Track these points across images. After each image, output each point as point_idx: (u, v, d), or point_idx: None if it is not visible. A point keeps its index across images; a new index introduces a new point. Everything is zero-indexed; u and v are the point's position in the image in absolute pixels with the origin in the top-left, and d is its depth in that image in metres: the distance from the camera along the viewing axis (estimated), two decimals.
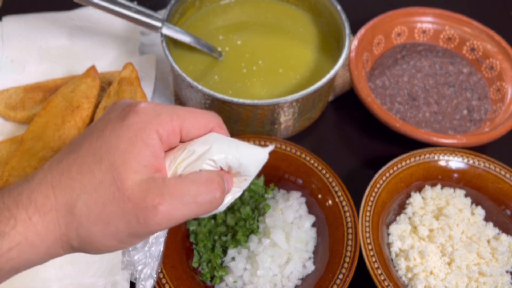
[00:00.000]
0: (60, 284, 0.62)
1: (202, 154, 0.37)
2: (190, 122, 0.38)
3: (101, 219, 0.34)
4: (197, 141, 0.38)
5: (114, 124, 0.35)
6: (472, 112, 0.80)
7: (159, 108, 0.37)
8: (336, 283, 0.59)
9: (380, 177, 0.67)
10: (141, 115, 0.35)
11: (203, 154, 0.37)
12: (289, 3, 0.83)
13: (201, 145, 0.37)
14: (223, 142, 0.38)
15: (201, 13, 0.82)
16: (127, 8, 0.67)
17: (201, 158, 0.37)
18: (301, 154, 0.69)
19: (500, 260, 0.64)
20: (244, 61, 0.76)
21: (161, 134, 0.36)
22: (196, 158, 0.37)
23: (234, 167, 0.39)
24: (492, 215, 0.70)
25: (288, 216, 0.65)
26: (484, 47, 0.85)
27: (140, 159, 0.34)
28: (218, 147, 0.37)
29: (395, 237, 0.66)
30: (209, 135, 0.38)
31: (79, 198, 0.33)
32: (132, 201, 0.33)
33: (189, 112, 0.38)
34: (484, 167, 0.70)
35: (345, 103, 0.84)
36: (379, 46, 0.87)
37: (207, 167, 0.37)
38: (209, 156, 0.37)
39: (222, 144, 0.38)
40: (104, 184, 0.33)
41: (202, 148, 0.37)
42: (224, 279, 0.63)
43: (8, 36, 0.85)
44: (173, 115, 0.37)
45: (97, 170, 0.34)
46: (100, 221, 0.34)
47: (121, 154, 0.34)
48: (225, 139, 0.39)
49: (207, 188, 0.36)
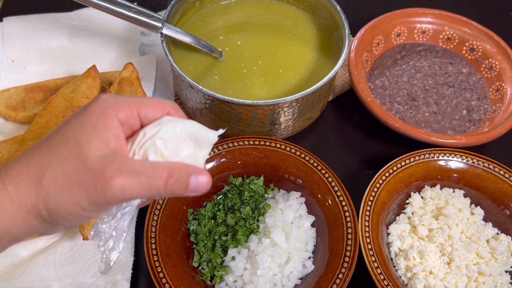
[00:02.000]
0: (60, 283, 0.62)
1: (153, 135, 0.41)
2: (147, 106, 0.42)
3: (65, 188, 0.37)
4: (152, 124, 0.42)
5: (79, 113, 0.40)
6: (472, 112, 0.80)
7: (119, 97, 0.41)
8: (336, 282, 0.59)
9: (379, 177, 0.67)
10: (101, 103, 0.40)
11: (154, 135, 0.41)
12: (289, 4, 0.84)
13: (154, 127, 0.41)
14: (174, 123, 0.42)
15: (201, 13, 0.82)
16: (128, 9, 0.67)
17: (152, 138, 0.41)
18: (301, 154, 0.69)
19: (499, 260, 0.64)
20: (244, 61, 0.76)
21: (121, 118, 0.40)
22: (147, 138, 0.41)
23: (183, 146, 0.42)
24: (492, 215, 0.70)
25: (288, 216, 0.65)
26: (483, 48, 0.85)
27: (102, 139, 0.38)
28: (167, 127, 0.41)
29: (395, 237, 0.66)
30: (163, 118, 0.42)
31: (47, 171, 0.37)
32: (93, 172, 0.37)
33: (146, 99, 0.43)
34: (484, 167, 0.70)
35: (344, 103, 0.84)
36: (379, 47, 0.87)
37: (158, 145, 0.41)
38: (159, 136, 0.41)
39: (172, 124, 0.42)
40: (69, 158, 0.38)
41: (154, 129, 0.41)
42: (224, 278, 0.63)
43: (9, 37, 0.85)
44: (131, 102, 0.41)
45: (63, 148, 0.38)
46: (65, 189, 0.37)
47: (85, 135, 0.38)
48: (177, 120, 0.42)
49: (161, 175, 0.39)
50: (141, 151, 0.41)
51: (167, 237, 0.63)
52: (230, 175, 0.71)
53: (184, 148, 0.42)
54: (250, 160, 0.70)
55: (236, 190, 0.70)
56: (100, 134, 0.38)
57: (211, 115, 0.72)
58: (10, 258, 0.65)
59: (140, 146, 0.41)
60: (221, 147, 0.70)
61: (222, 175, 0.70)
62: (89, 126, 0.38)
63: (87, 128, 0.38)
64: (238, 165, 0.71)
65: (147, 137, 0.41)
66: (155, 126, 0.41)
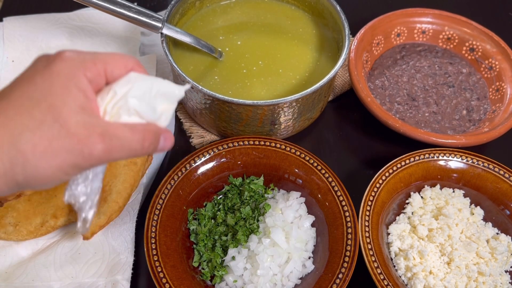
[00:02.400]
0: (60, 283, 0.62)
1: (125, 94, 0.41)
2: (112, 63, 0.41)
3: (48, 154, 0.37)
4: (120, 81, 0.42)
5: (43, 72, 0.38)
6: (471, 112, 0.81)
7: (83, 54, 0.40)
8: (336, 282, 0.59)
9: (379, 177, 0.67)
10: (67, 62, 0.39)
11: (126, 93, 0.41)
12: (289, 4, 0.84)
13: (123, 85, 0.41)
14: (143, 80, 0.42)
15: (201, 13, 0.82)
16: (128, 9, 0.67)
17: (124, 97, 0.41)
18: (301, 154, 0.69)
19: (499, 260, 0.64)
20: (244, 61, 0.76)
21: (89, 77, 0.40)
22: (120, 97, 0.41)
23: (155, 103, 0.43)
24: (491, 215, 0.70)
25: (288, 216, 0.65)
26: (483, 48, 0.85)
27: (77, 102, 0.38)
28: (138, 85, 0.41)
29: (395, 237, 0.66)
30: (130, 75, 0.42)
31: (22, 136, 0.36)
32: (77, 136, 0.37)
33: (109, 55, 0.42)
34: (483, 167, 0.70)
35: (344, 103, 0.84)
36: (379, 47, 0.87)
37: (132, 104, 0.41)
38: (131, 94, 0.41)
39: (142, 82, 0.42)
40: (46, 123, 0.37)
41: (125, 88, 0.41)
42: (224, 278, 0.63)
43: (9, 37, 0.85)
44: (96, 59, 0.40)
45: (36, 111, 0.37)
46: (47, 155, 0.37)
47: (58, 97, 0.37)
48: (144, 77, 0.42)
49: (138, 138, 0.41)
50: (114, 110, 0.41)
51: (167, 237, 0.63)
52: (230, 175, 0.71)
53: (156, 105, 0.42)
54: (250, 160, 0.71)
55: (236, 190, 0.70)
56: (73, 97, 0.38)
57: (211, 115, 0.72)
58: (10, 258, 0.65)
59: (112, 105, 0.41)
60: (221, 147, 0.70)
61: (222, 175, 0.70)
62: (59, 88, 0.38)
63: (57, 90, 0.38)
64: (238, 165, 0.71)
65: (118, 96, 0.41)
66: (125, 84, 0.41)
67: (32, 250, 0.66)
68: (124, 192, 0.64)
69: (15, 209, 0.66)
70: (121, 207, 0.63)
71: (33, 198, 0.66)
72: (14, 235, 0.65)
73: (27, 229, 0.65)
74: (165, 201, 0.65)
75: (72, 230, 0.67)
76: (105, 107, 0.41)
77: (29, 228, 0.65)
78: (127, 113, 0.41)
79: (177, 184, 0.67)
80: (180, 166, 0.68)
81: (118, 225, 0.66)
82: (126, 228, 0.66)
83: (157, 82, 0.43)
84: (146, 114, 0.42)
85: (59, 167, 0.37)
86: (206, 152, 0.69)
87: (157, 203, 0.64)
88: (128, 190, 0.64)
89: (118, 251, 0.64)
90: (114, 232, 0.66)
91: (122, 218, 0.66)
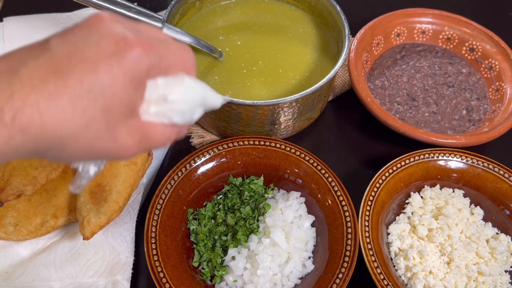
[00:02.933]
0: (60, 283, 0.62)
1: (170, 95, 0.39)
2: (170, 60, 0.39)
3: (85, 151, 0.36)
4: (173, 85, 0.39)
5: (110, 62, 0.34)
6: (471, 112, 0.81)
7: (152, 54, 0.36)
8: (336, 282, 0.59)
9: (379, 177, 0.67)
10: (139, 63, 0.35)
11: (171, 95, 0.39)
12: (289, 4, 0.84)
13: (170, 84, 0.39)
14: (196, 90, 0.40)
15: (201, 13, 0.82)
16: (128, 9, 0.67)
17: (168, 99, 0.39)
18: (300, 154, 0.69)
19: (499, 260, 0.65)
20: (244, 61, 0.76)
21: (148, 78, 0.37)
22: (163, 97, 0.38)
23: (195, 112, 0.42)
24: (491, 214, 0.70)
25: (288, 215, 0.65)
26: (483, 48, 0.85)
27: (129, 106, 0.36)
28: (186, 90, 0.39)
29: (395, 237, 0.66)
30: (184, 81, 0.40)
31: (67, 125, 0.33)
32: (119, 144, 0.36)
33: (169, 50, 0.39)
34: (483, 167, 0.71)
35: (344, 103, 0.84)
36: (379, 47, 0.87)
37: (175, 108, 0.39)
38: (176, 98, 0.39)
39: (192, 88, 0.40)
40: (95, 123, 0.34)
41: (171, 87, 0.39)
42: (224, 278, 0.63)
43: (9, 37, 0.85)
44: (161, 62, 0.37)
45: (91, 109, 0.34)
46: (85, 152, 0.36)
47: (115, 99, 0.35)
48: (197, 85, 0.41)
49: (165, 143, 0.40)
50: (155, 109, 0.38)
51: (167, 237, 0.63)
52: (230, 175, 0.71)
53: (195, 113, 0.42)
54: (250, 160, 0.71)
55: (236, 190, 0.70)
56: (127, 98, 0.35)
57: (211, 115, 0.72)
58: (10, 258, 0.65)
59: (155, 103, 0.38)
60: (221, 147, 0.70)
61: (222, 175, 0.70)
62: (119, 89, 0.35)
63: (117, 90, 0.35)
64: (238, 165, 0.71)
65: (162, 95, 0.38)
66: (172, 82, 0.39)
67: (32, 250, 0.66)
68: (124, 192, 0.64)
69: (15, 209, 0.66)
70: (121, 207, 0.63)
71: (33, 198, 0.67)
72: (14, 235, 0.65)
73: (27, 229, 0.65)
74: (165, 201, 0.65)
75: (72, 230, 0.67)
76: (149, 106, 0.38)
77: (29, 228, 0.65)
78: (167, 117, 0.39)
79: (177, 184, 0.67)
80: (180, 166, 0.68)
81: (118, 225, 0.66)
82: (126, 228, 0.66)
83: (203, 89, 0.42)
84: (185, 121, 0.41)
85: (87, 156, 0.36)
86: (206, 152, 0.69)
87: (157, 203, 0.64)
88: (128, 190, 0.64)
89: (118, 251, 0.64)
90: (114, 232, 0.66)
91: (122, 218, 0.66)
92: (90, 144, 0.35)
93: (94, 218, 0.61)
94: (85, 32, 0.35)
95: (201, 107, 0.42)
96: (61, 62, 0.33)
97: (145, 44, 0.36)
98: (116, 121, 0.35)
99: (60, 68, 0.33)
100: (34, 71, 0.32)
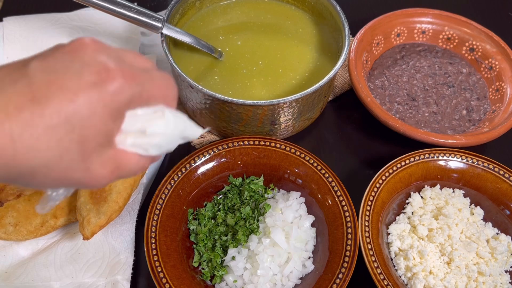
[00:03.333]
0: (60, 283, 0.62)
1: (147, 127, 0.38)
2: (152, 91, 0.38)
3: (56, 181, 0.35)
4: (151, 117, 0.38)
5: (90, 93, 0.33)
6: (471, 112, 0.81)
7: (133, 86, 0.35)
8: (336, 282, 0.59)
9: (379, 177, 0.67)
10: (119, 95, 0.34)
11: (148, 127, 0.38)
12: (289, 4, 0.84)
13: (148, 115, 0.38)
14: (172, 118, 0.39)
15: (201, 13, 0.82)
16: (128, 9, 0.67)
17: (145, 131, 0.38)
18: (301, 154, 0.69)
19: (499, 260, 0.65)
20: (244, 61, 0.76)
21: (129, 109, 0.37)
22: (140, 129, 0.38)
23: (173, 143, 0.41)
24: (491, 215, 0.70)
25: (288, 215, 0.65)
26: (483, 48, 0.85)
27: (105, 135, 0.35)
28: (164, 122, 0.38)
29: (395, 237, 0.66)
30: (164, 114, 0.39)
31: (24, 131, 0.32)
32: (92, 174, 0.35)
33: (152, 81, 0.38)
34: (483, 167, 0.71)
35: (344, 103, 0.84)
36: (379, 47, 0.87)
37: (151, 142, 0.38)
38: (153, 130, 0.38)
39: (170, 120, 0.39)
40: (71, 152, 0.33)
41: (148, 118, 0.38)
42: (224, 278, 0.63)
43: (9, 37, 0.85)
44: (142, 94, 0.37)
45: (66, 139, 0.33)
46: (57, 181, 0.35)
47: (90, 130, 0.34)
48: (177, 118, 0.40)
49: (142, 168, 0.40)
50: (132, 140, 0.38)
51: (167, 237, 0.63)
52: (230, 175, 0.71)
53: (173, 145, 0.41)
54: (250, 160, 0.71)
55: (236, 190, 0.70)
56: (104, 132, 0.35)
57: (211, 115, 0.72)
58: (10, 258, 0.65)
59: (133, 134, 0.38)
60: (221, 147, 0.70)
61: (222, 175, 0.70)
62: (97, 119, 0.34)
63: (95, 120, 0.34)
64: (238, 165, 0.71)
65: (141, 128, 0.38)
66: (152, 115, 0.38)
67: (32, 250, 0.66)
68: (124, 192, 0.64)
69: (15, 209, 0.66)
70: (121, 207, 0.63)
71: (33, 198, 0.67)
72: (14, 235, 0.65)
73: (27, 229, 0.65)
74: (165, 201, 0.65)
75: (72, 230, 0.67)
76: (126, 137, 0.38)
77: (29, 228, 0.65)
78: (143, 148, 0.39)
79: (177, 184, 0.67)
80: (180, 166, 0.68)
81: (118, 225, 0.66)
82: (126, 228, 0.66)
83: (182, 121, 0.41)
84: (161, 152, 0.40)
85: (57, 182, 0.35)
86: (206, 152, 0.69)
87: (157, 203, 0.64)
88: (128, 190, 0.64)
89: (118, 251, 0.64)
90: (114, 232, 0.66)
91: (122, 218, 0.66)
92: (63, 174, 0.34)
93: (94, 218, 0.62)
94: (67, 59, 0.34)
95: (180, 139, 0.42)
96: (40, 90, 0.32)
97: (127, 75, 0.35)
98: (91, 152, 0.34)
99: (38, 96, 0.32)
100: (11, 97, 0.31)
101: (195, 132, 0.43)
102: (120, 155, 0.37)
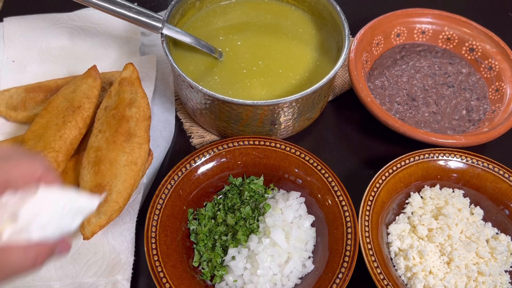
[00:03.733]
0: (61, 283, 0.62)
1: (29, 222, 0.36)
2: (15, 174, 0.36)
3: None
4: (25, 203, 0.36)
5: None
6: (471, 112, 0.81)
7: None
8: (336, 282, 0.59)
9: (379, 177, 0.67)
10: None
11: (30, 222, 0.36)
12: (289, 4, 0.84)
13: (28, 210, 0.36)
14: (53, 200, 0.37)
15: (201, 14, 0.82)
16: (128, 9, 0.67)
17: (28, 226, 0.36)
18: (301, 154, 0.70)
19: (499, 260, 0.65)
20: (244, 61, 0.76)
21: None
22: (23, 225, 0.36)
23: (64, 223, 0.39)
24: (491, 214, 0.70)
25: (288, 215, 0.66)
26: (483, 48, 0.85)
27: None
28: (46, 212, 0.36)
29: (394, 237, 0.66)
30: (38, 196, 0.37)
31: None
32: None
33: (14, 164, 0.37)
34: (483, 167, 0.71)
35: (344, 103, 0.84)
36: (379, 47, 0.87)
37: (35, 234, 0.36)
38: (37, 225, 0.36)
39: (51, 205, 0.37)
40: None
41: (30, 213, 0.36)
42: (224, 278, 0.63)
43: (10, 37, 0.85)
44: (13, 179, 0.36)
45: None
46: None
47: None
48: (55, 195, 0.38)
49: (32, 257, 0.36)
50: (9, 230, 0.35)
51: (167, 237, 0.63)
52: (230, 175, 0.71)
53: (68, 221, 0.38)
54: (250, 160, 0.71)
55: (236, 190, 0.70)
56: None
57: (211, 115, 0.72)
58: None
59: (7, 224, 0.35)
60: (221, 147, 0.70)
61: (222, 175, 0.71)
62: None
63: None
64: (238, 165, 0.71)
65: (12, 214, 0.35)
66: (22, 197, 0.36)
67: None
68: (124, 192, 0.64)
69: None
70: (121, 207, 0.64)
71: None
72: None
73: None
74: (165, 201, 0.65)
75: None
76: (2, 229, 0.35)
77: None
78: (24, 237, 0.36)
79: (177, 184, 0.67)
80: (180, 166, 0.68)
81: (118, 225, 0.66)
82: (126, 228, 0.66)
83: (69, 198, 0.38)
84: (52, 234, 0.38)
85: None
86: (206, 152, 0.69)
87: (157, 203, 0.64)
88: (128, 190, 0.64)
89: (118, 251, 0.64)
90: (114, 232, 0.66)
91: (122, 218, 0.67)
92: None
93: (94, 218, 0.62)
94: None
95: (75, 214, 0.39)
96: None
97: None
98: None
99: None
100: None
101: (89, 201, 0.40)
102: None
